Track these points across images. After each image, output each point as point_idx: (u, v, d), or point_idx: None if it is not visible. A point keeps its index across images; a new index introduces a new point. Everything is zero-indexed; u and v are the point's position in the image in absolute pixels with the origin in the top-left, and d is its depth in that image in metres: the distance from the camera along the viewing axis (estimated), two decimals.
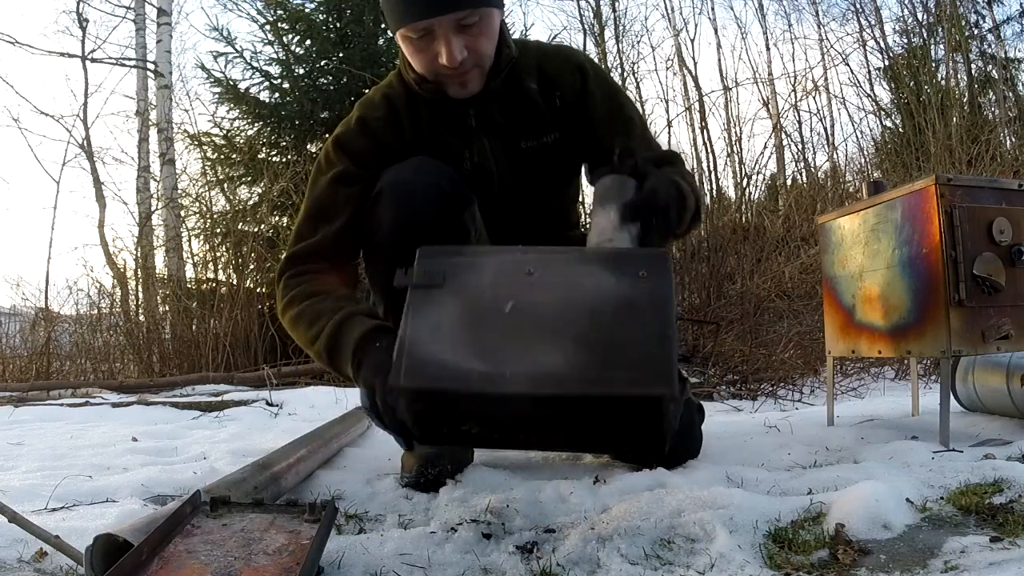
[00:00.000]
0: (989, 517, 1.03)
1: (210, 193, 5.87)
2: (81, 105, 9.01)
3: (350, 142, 1.39)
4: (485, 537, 1.05)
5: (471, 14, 1.20)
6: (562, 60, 1.44)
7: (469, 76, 1.29)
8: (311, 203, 1.39)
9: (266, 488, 1.25)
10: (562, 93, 1.41)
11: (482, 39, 1.25)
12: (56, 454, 1.89)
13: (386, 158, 1.37)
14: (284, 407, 3.10)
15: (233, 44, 5.41)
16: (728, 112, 7.62)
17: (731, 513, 1.05)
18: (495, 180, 1.42)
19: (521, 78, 1.39)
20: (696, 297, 4.21)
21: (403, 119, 1.39)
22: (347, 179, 1.36)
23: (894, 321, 1.69)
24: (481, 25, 1.23)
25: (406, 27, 1.22)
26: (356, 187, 1.36)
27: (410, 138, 1.39)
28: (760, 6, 11.15)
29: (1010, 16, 9.64)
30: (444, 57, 1.22)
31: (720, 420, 2.37)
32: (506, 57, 1.34)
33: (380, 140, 1.38)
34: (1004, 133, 7.92)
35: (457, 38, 1.22)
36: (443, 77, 1.29)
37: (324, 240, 1.34)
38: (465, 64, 1.25)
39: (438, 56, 1.23)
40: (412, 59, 1.29)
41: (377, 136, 1.38)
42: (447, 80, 1.30)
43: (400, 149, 1.38)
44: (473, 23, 1.22)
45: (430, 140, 1.39)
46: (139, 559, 0.82)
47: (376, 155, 1.37)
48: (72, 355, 5.73)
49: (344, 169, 1.37)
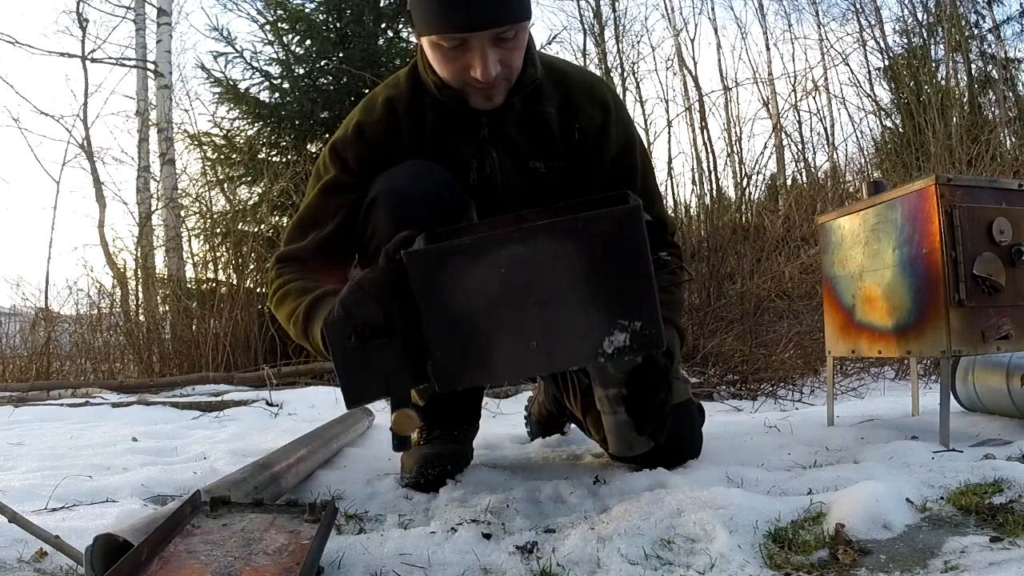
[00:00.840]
0: (989, 517, 1.03)
1: (210, 193, 5.87)
2: (81, 105, 9.02)
3: (345, 149, 1.38)
4: (485, 537, 1.05)
5: (509, 28, 1.17)
6: (588, 92, 1.40)
7: (497, 89, 1.27)
8: (303, 209, 1.42)
9: (266, 488, 1.25)
10: (581, 127, 1.38)
11: (515, 53, 1.23)
12: (56, 454, 1.89)
13: (381, 164, 1.36)
14: (284, 407, 3.10)
15: (233, 44, 5.41)
16: (728, 112, 7.64)
17: (731, 513, 1.05)
18: (500, 194, 1.40)
19: (541, 100, 1.37)
20: (696, 297, 4.21)
21: (403, 124, 1.37)
22: (339, 187, 1.37)
23: (894, 321, 1.69)
24: (516, 39, 1.21)
25: (440, 35, 1.18)
26: (348, 195, 1.36)
27: (409, 143, 1.37)
28: (760, 6, 11.18)
29: (1010, 16, 9.66)
30: (479, 71, 1.19)
31: (720, 420, 2.37)
32: (530, 76, 1.31)
33: (376, 147, 1.37)
34: (1004, 133, 7.93)
35: (493, 52, 1.19)
36: (470, 88, 1.26)
37: (313, 244, 1.37)
38: (497, 78, 1.22)
39: (471, 68, 1.20)
40: (439, 66, 1.25)
41: (372, 143, 1.37)
42: (473, 92, 1.27)
43: (397, 154, 1.36)
44: (510, 37, 1.19)
45: (434, 146, 1.37)
46: (139, 559, 0.82)
47: (371, 162, 1.37)
48: (72, 355, 5.73)
49: (336, 177, 1.37)
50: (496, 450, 1.91)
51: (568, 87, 1.39)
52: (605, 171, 1.40)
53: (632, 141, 1.44)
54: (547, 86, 1.38)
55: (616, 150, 1.41)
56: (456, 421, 1.56)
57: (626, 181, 1.40)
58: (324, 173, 1.40)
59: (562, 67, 1.44)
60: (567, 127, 1.38)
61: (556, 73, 1.40)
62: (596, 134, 1.39)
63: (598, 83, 1.48)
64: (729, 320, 3.94)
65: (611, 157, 1.40)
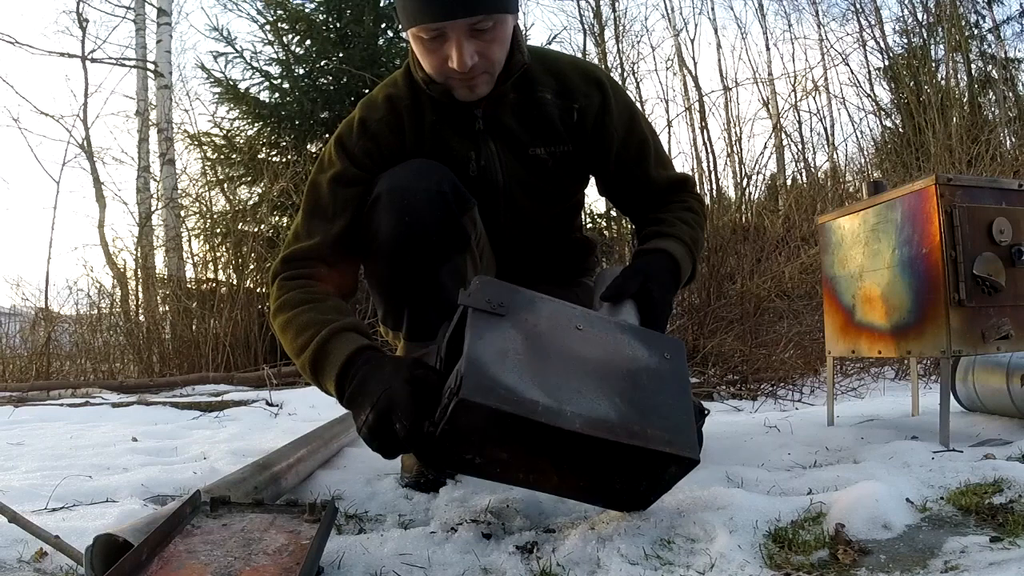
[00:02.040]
0: (989, 517, 1.03)
1: (210, 193, 5.88)
2: (81, 105, 9.04)
3: (350, 143, 1.38)
4: (485, 537, 1.05)
5: (485, 19, 1.19)
6: (581, 74, 1.42)
7: (478, 80, 1.28)
8: (309, 203, 1.37)
9: (266, 488, 1.25)
10: (580, 107, 1.39)
11: (494, 45, 1.24)
12: (56, 454, 1.89)
13: (386, 160, 1.36)
14: (284, 407, 3.11)
15: (233, 44, 5.42)
16: (728, 112, 7.61)
17: (731, 513, 1.05)
18: (501, 185, 1.40)
19: (535, 87, 1.38)
20: (696, 297, 4.21)
21: (405, 121, 1.37)
22: (346, 180, 1.35)
23: (894, 321, 1.69)
24: (495, 31, 1.22)
25: (419, 27, 1.21)
26: (355, 188, 1.35)
27: (412, 140, 1.38)
28: (760, 6, 11.19)
29: (1010, 16, 9.65)
30: (455, 61, 1.21)
31: (720, 420, 2.36)
32: (517, 63, 1.32)
33: (380, 142, 1.37)
34: (1004, 133, 7.92)
35: (469, 43, 1.20)
36: (452, 80, 1.28)
37: (322, 242, 1.32)
38: (475, 69, 1.24)
39: (448, 59, 1.22)
40: (422, 59, 1.28)
41: (377, 138, 1.37)
42: (455, 84, 1.29)
43: (401, 151, 1.36)
44: (487, 28, 1.20)
45: (434, 142, 1.38)
46: (139, 559, 0.82)
47: (376, 157, 1.36)
48: (72, 355, 5.74)
49: (343, 169, 1.36)
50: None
51: (561, 72, 1.41)
52: (617, 151, 1.42)
53: (635, 113, 1.46)
54: (540, 74, 1.39)
55: (623, 127, 1.42)
56: None
57: (640, 153, 1.43)
58: (329, 166, 1.38)
59: (554, 56, 1.46)
60: (566, 110, 1.39)
61: (548, 62, 1.42)
62: (597, 114, 1.40)
63: (590, 65, 1.50)
64: (729, 320, 3.93)
65: (620, 135, 1.42)
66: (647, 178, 1.45)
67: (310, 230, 1.34)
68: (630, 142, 1.42)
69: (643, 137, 1.44)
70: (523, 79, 1.36)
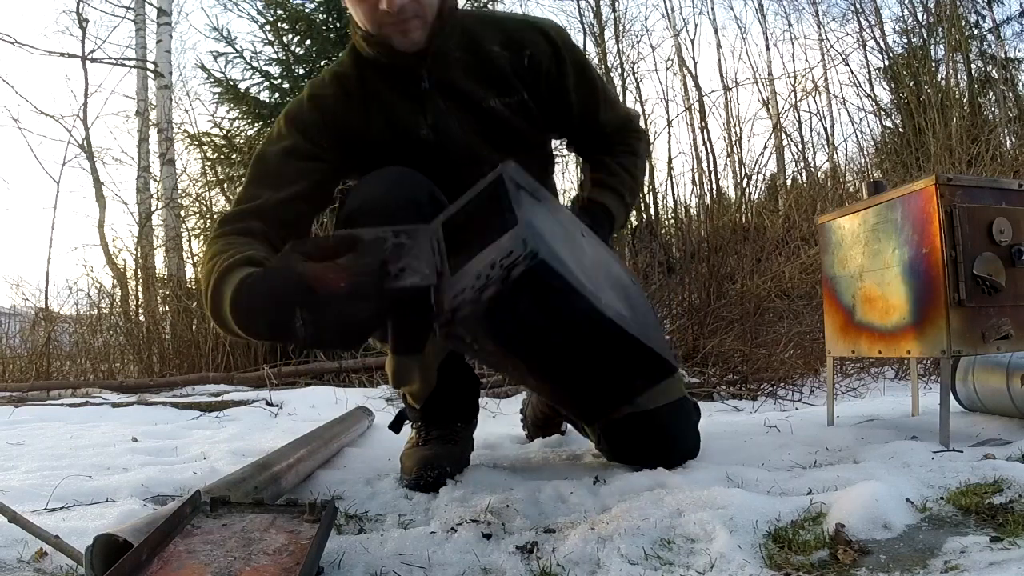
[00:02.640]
0: (989, 517, 1.03)
1: (210, 193, 5.88)
2: (81, 105, 9.03)
3: (301, 118, 1.39)
4: (485, 537, 1.05)
5: None
6: (525, 24, 1.46)
7: (411, 25, 1.30)
8: (256, 172, 1.35)
9: (266, 488, 1.25)
10: (531, 54, 1.42)
11: None
12: (56, 454, 1.89)
13: (339, 135, 1.37)
14: (284, 407, 3.11)
15: (233, 44, 5.41)
16: (728, 112, 7.62)
17: (731, 513, 1.05)
18: (460, 142, 1.40)
19: (482, 42, 1.40)
20: (696, 297, 4.21)
21: (353, 96, 1.40)
22: (298, 153, 1.36)
23: (894, 321, 1.69)
24: None
25: None
26: (306, 163, 1.35)
27: (360, 112, 1.40)
28: (760, 6, 11.16)
29: (1010, 16, 9.64)
30: (384, 2, 1.25)
31: (720, 420, 2.36)
32: (448, 8, 1.35)
33: (331, 116, 1.39)
34: (1004, 133, 7.91)
35: None
36: (385, 27, 1.30)
37: (264, 204, 1.28)
38: (405, 11, 1.27)
39: (379, 2, 1.26)
40: (355, 10, 1.32)
41: (328, 112, 1.39)
42: (390, 30, 1.31)
43: (350, 124, 1.39)
44: None
45: (381, 110, 1.39)
46: (139, 559, 0.82)
47: (328, 131, 1.38)
48: (72, 355, 5.73)
49: (295, 143, 1.36)
50: (496, 450, 1.91)
51: (506, 26, 1.45)
52: (572, 97, 1.46)
53: (584, 61, 1.50)
54: (485, 29, 1.42)
55: (575, 74, 1.46)
56: (454, 417, 1.56)
57: (591, 97, 1.48)
58: (279, 139, 1.37)
59: (497, 13, 1.55)
60: (516, 58, 1.42)
61: (491, 18, 1.49)
62: (550, 61, 1.43)
63: (532, 17, 1.55)
64: (729, 320, 3.93)
65: (574, 81, 1.45)
66: (596, 123, 1.50)
67: (253, 195, 1.31)
68: (582, 88, 1.47)
69: (593, 83, 1.49)
70: (467, 38, 1.39)
